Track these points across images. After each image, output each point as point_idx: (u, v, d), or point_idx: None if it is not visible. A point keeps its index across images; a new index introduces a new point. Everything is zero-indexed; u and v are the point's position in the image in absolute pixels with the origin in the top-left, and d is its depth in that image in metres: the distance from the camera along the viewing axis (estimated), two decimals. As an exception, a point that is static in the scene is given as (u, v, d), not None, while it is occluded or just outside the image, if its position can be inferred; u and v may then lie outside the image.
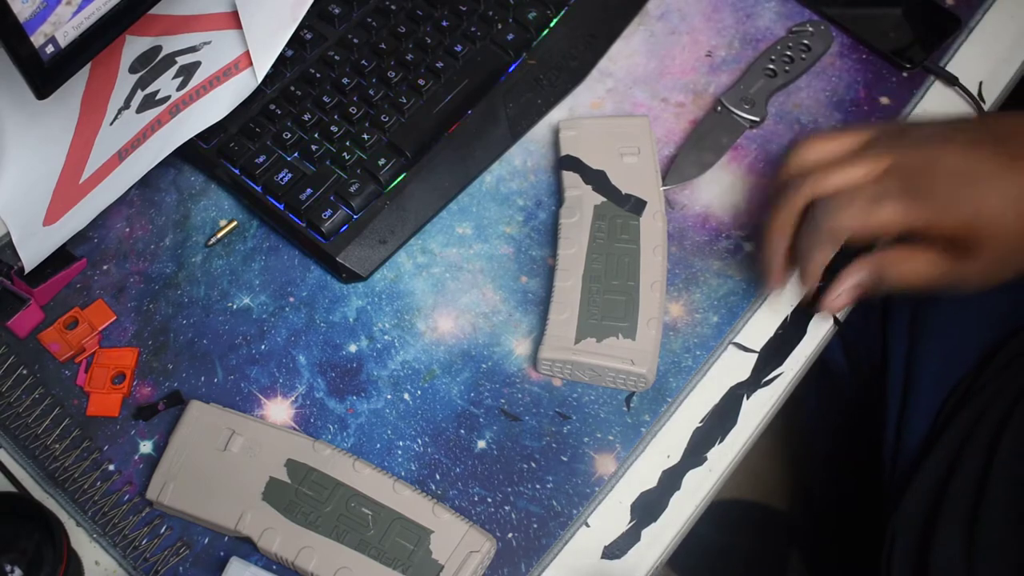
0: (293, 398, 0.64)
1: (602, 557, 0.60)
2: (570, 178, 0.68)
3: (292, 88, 0.70)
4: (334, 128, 0.69)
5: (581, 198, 0.67)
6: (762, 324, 0.66)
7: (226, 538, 0.59)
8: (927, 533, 0.70)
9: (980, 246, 0.55)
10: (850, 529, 1.00)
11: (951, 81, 0.73)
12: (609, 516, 0.61)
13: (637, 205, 0.66)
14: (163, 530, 0.60)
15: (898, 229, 0.56)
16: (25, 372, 0.64)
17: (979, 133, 0.57)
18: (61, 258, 0.66)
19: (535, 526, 0.60)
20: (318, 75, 0.71)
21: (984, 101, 0.73)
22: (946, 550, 0.68)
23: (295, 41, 0.71)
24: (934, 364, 0.76)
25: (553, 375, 0.63)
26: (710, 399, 0.64)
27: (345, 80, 0.70)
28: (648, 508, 0.61)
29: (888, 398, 0.79)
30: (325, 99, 0.70)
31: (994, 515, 0.67)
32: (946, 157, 0.56)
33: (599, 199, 0.67)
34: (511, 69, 0.72)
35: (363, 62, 0.71)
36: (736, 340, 0.65)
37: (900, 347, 0.79)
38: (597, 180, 0.67)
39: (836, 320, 0.67)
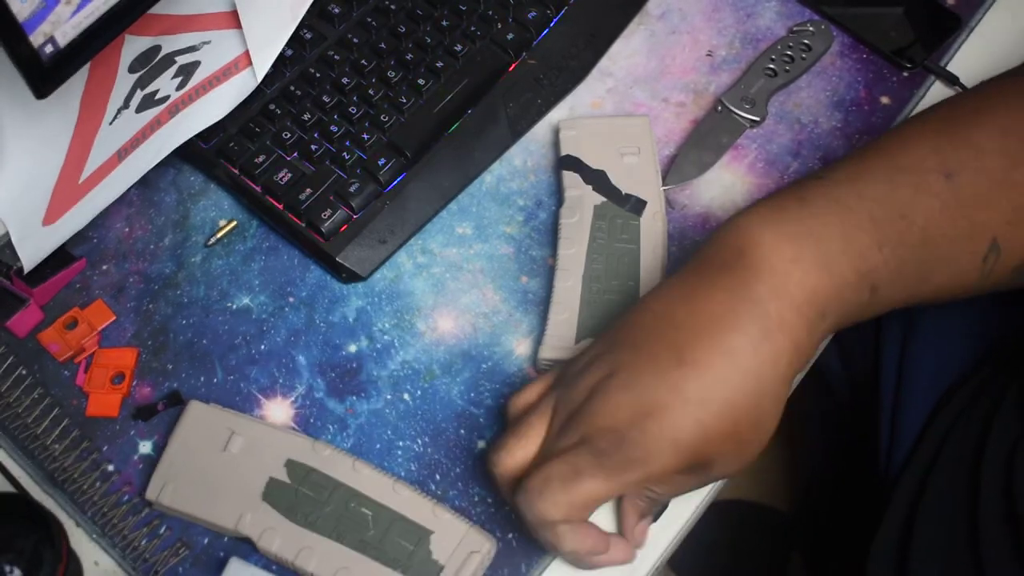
0: (293, 398, 0.64)
1: (602, 557, 0.60)
2: (570, 178, 0.67)
3: (292, 88, 0.70)
4: (334, 128, 0.69)
5: (581, 198, 0.66)
6: (762, 324, 0.66)
7: (226, 538, 0.59)
8: (908, 535, 0.70)
9: (708, 460, 0.51)
10: (850, 529, 1.00)
11: (952, 81, 0.73)
12: (609, 516, 0.61)
13: (637, 205, 0.66)
14: (162, 530, 0.59)
15: (612, 496, 0.51)
16: (24, 372, 0.63)
17: (636, 355, 0.51)
18: (60, 258, 0.66)
19: (535, 526, 0.60)
20: (318, 75, 0.71)
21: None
22: (927, 553, 0.68)
23: (295, 41, 0.71)
24: (926, 369, 0.76)
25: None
26: (710, 399, 0.64)
27: (345, 80, 0.70)
28: (648, 508, 0.61)
29: (881, 401, 0.79)
30: (325, 99, 0.70)
31: (976, 518, 0.67)
32: (616, 406, 0.50)
33: (599, 199, 0.66)
34: (511, 69, 0.72)
35: (363, 62, 0.71)
36: (736, 340, 0.65)
37: (893, 352, 0.79)
38: (597, 180, 0.67)
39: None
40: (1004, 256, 0.55)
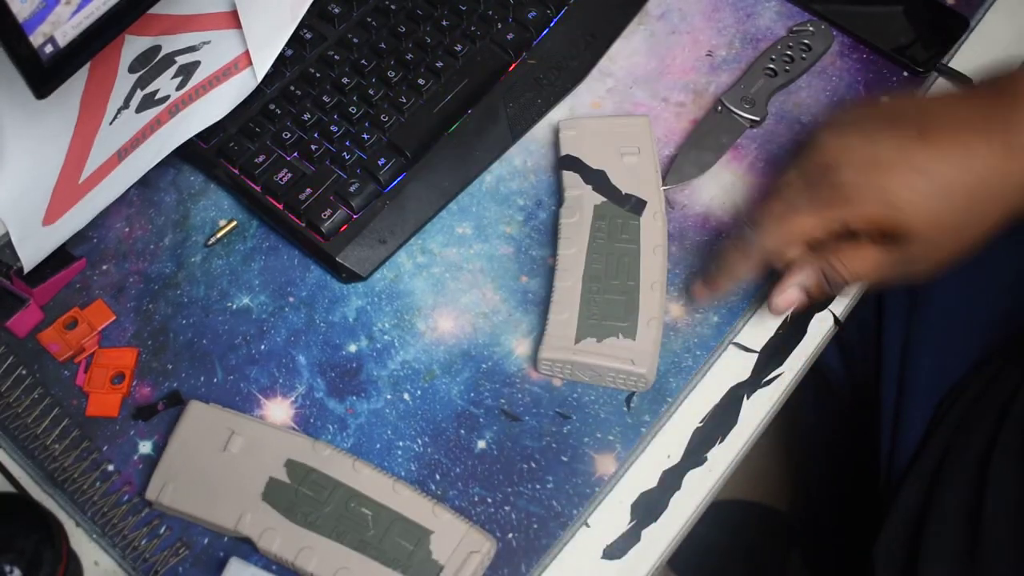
0: (293, 398, 0.64)
1: (602, 557, 0.60)
2: (570, 178, 0.67)
3: (292, 88, 0.70)
4: (334, 128, 0.69)
5: (581, 198, 0.66)
6: (762, 324, 0.66)
7: (226, 538, 0.59)
8: (917, 536, 0.70)
9: (906, 231, 0.55)
10: (850, 529, 1.00)
11: (964, 83, 0.73)
12: (609, 516, 0.61)
13: (637, 205, 0.66)
14: (162, 530, 0.59)
15: (817, 235, 0.57)
16: (24, 372, 0.63)
17: (880, 120, 0.57)
18: (60, 258, 0.66)
19: (535, 526, 0.60)
20: (318, 75, 0.71)
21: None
22: (937, 555, 0.68)
23: (295, 40, 0.71)
24: (927, 369, 0.76)
25: (553, 375, 0.63)
26: (710, 399, 0.64)
27: (345, 80, 0.70)
28: (648, 508, 0.61)
29: (882, 401, 0.79)
30: (325, 99, 0.70)
31: (986, 518, 0.67)
32: (847, 152, 0.56)
33: (599, 199, 0.66)
34: (511, 69, 0.72)
35: (363, 62, 0.71)
36: (736, 340, 0.65)
37: (894, 352, 0.79)
38: (597, 180, 0.67)
39: (836, 320, 0.66)
40: None
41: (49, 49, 0.54)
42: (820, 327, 0.66)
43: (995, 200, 0.54)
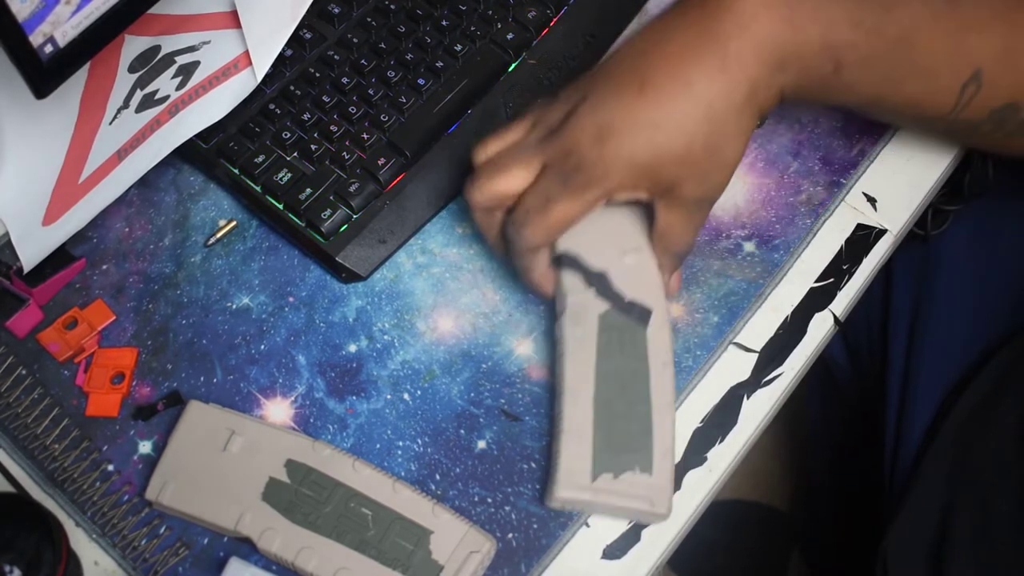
0: (293, 398, 0.64)
1: (602, 557, 0.60)
2: (571, 280, 0.60)
3: (291, 88, 0.70)
4: (333, 128, 0.69)
5: (585, 306, 0.59)
6: (762, 324, 0.66)
7: (225, 538, 0.59)
8: (938, 532, 0.70)
9: (667, 181, 0.55)
10: (851, 529, 1.00)
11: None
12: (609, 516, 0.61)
13: (643, 315, 0.60)
14: (162, 530, 0.59)
15: (584, 215, 0.57)
16: (24, 372, 0.63)
17: (602, 85, 0.56)
18: (60, 258, 0.66)
19: (535, 526, 0.60)
20: (317, 75, 0.71)
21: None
22: (958, 548, 0.68)
23: (294, 40, 0.71)
24: (934, 366, 0.76)
25: (564, 509, 0.60)
26: (710, 399, 0.64)
27: (345, 80, 0.70)
28: (648, 508, 0.61)
29: (888, 398, 0.79)
30: (325, 99, 0.70)
31: (1001, 521, 0.67)
32: (578, 131, 0.55)
33: (603, 306, 0.59)
34: (511, 68, 0.72)
35: (363, 61, 0.71)
36: (736, 340, 0.65)
37: (900, 348, 0.79)
38: (600, 284, 0.60)
39: (836, 320, 0.66)
40: (984, 92, 0.56)
41: (49, 49, 0.54)
42: (820, 327, 0.66)
43: (737, 114, 0.54)
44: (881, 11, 0.54)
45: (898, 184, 0.71)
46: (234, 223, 0.69)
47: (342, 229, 0.66)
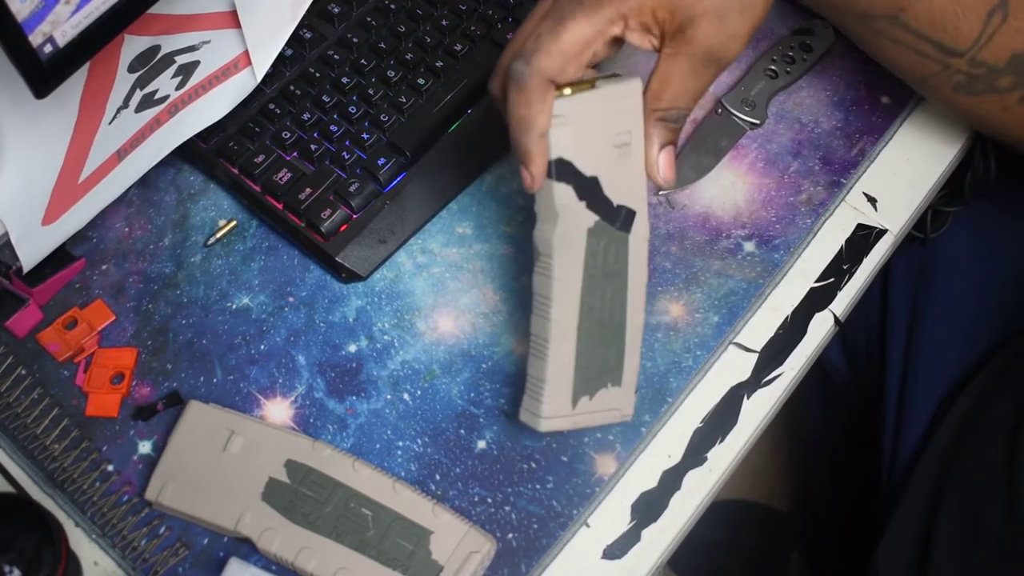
0: (293, 398, 0.64)
1: (602, 557, 0.60)
2: (563, 193, 0.54)
3: (291, 87, 0.70)
4: (333, 128, 0.69)
5: (575, 222, 0.55)
6: (763, 324, 0.66)
7: (225, 538, 0.59)
8: (926, 531, 0.70)
9: (686, 16, 0.52)
10: (850, 529, 1.00)
11: None
12: (609, 516, 0.61)
13: (627, 218, 0.56)
14: (162, 530, 0.59)
15: (597, 46, 0.53)
16: (24, 372, 0.63)
17: None
18: (60, 258, 0.66)
19: (535, 526, 0.60)
20: (317, 74, 0.71)
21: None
22: (943, 556, 0.68)
23: (294, 40, 0.71)
24: (932, 366, 0.76)
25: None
26: (710, 399, 0.64)
27: (344, 79, 0.70)
28: (648, 508, 0.61)
29: (886, 396, 0.79)
30: (324, 98, 0.70)
31: (987, 532, 0.67)
32: None
33: (592, 219, 0.55)
34: (511, 68, 0.72)
35: (363, 61, 0.71)
36: (736, 340, 0.65)
37: (898, 351, 0.79)
38: (590, 192, 0.55)
39: (836, 320, 0.66)
40: (1009, 25, 0.55)
41: (48, 49, 0.54)
42: (820, 327, 0.66)
43: None
44: None
45: (898, 184, 0.71)
46: (234, 223, 0.69)
47: (342, 229, 0.66)
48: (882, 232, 0.69)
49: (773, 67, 0.73)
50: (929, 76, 0.58)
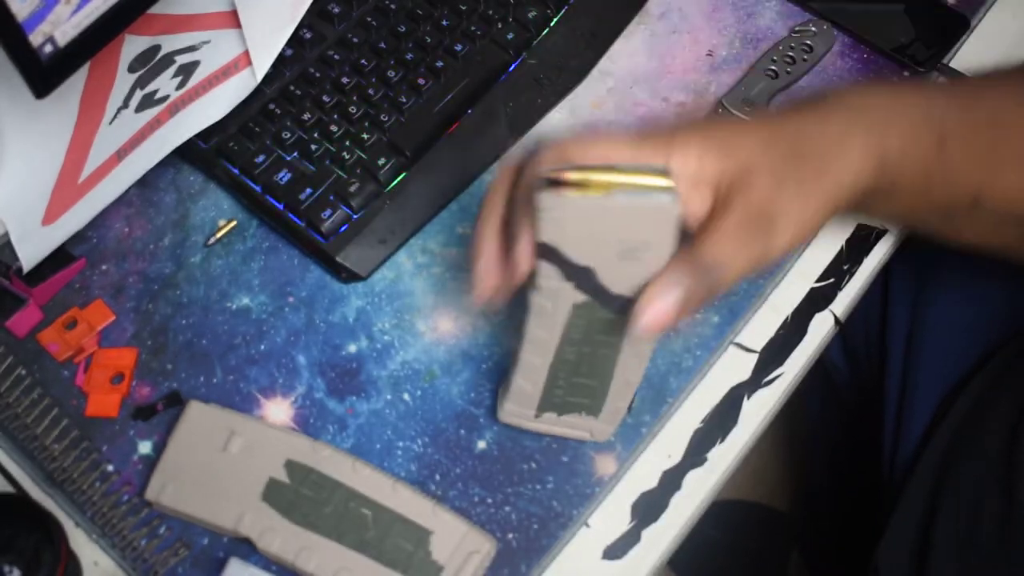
0: (293, 398, 0.64)
1: (602, 558, 0.60)
2: (546, 269, 0.49)
3: (291, 87, 0.70)
4: (334, 128, 0.69)
5: (558, 293, 0.50)
6: (763, 324, 0.66)
7: (225, 539, 0.59)
8: (924, 532, 0.70)
9: (745, 164, 0.49)
10: (850, 529, 0.99)
11: None
12: (609, 517, 0.61)
13: (626, 305, 0.50)
14: (162, 531, 0.59)
15: (628, 149, 0.49)
16: (24, 372, 0.63)
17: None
18: (60, 258, 0.66)
19: (535, 527, 0.60)
20: (317, 74, 0.71)
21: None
22: (942, 556, 0.68)
23: (294, 40, 0.71)
24: (932, 366, 0.76)
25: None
26: (711, 399, 0.64)
27: (345, 79, 0.70)
28: (648, 508, 0.61)
29: (886, 397, 0.79)
30: (325, 98, 0.70)
31: (985, 534, 0.67)
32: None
33: (580, 297, 0.50)
34: (511, 68, 0.72)
35: (363, 61, 0.71)
36: (737, 340, 0.65)
37: (898, 349, 0.79)
38: (580, 277, 0.50)
39: (837, 320, 0.66)
40: None
41: (49, 49, 0.54)
42: (821, 327, 0.66)
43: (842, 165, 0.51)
44: (970, 97, 0.56)
45: (898, 184, 0.71)
46: (234, 223, 0.69)
47: (342, 229, 0.66)
48: (882, 232, 0.69)
49: (773, 67, 0.73)
50: (1012, 246, 0.58)
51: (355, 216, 0.67)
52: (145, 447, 0.62)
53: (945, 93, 0.56)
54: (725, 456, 0.62)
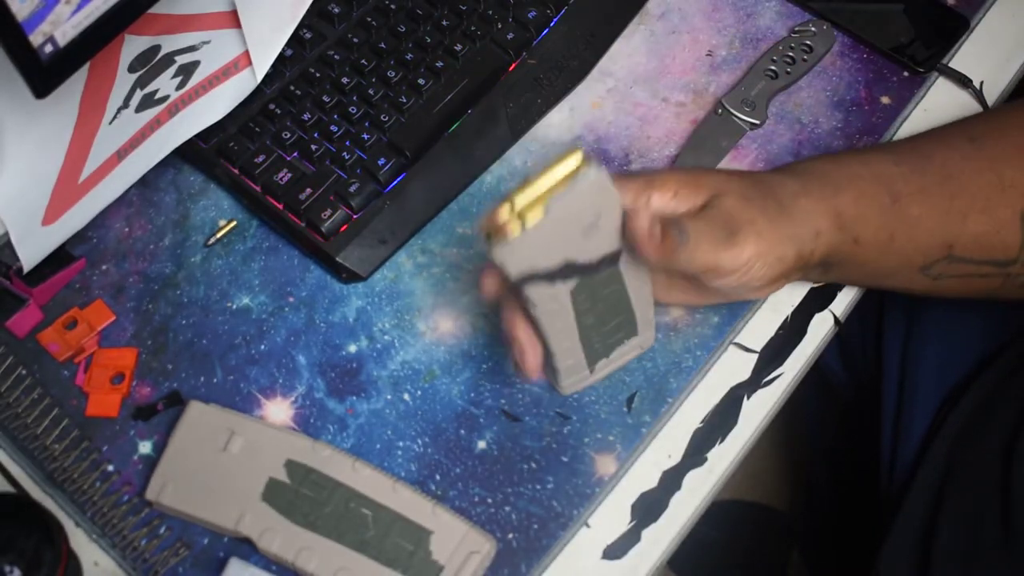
0: (293, 398, 0.64)
1: (602, 557, 0.60)
2: (534, 290, 0.52)
3: (291, 88, 0.70)
4: (334, 128, 0.69)
5: (554, 295, 0.53)
6: (763, 324, 0.66)
7: (225, 539, 0.59)
8: (926, 539, 0.70)
9: (714, 186, 0.57)
10: (850, 529, 0.99)
11: (964, 83, 0.73)
12: (609, 517, 0.61)
13: (611, 260, 0.54)
14: (162, 531, 0.59)
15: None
16: (24, 372, 0.63)
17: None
18: (60, 258, 0.66)
19: (535, 527, 0.60)
20: (317, 75, 0.71)
21: (985, 101, 0.73)
22: (944, 565, 0.68)
23: (294, 40, 0.71)
24: (930, 369, 0.76)
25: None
26: (710, 399, 0.64)
27: (345, 79, 0.70)
28: (648, 508, 0.61)
29: (884, 402, 0.79)
30: (325, 99, 0.70)
31: (987, 544, 0.66)
32: None
33: (572, 283, 0.53)
34: (511, 69, 0.72)
35: (363, 61, 0.71)
36: (737, 340, 0.65)
37: (896, 352, 0.79)
38: (563, 271, 0.52)
39: (836, 320, 0.66)
40: None
41: (49, 49, 0.54)
42: (820, 327, 0.66)
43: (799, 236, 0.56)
44: (919, 157, 0.59)
45: (898, 184, 0.71)
46: (234, 223, 0.69)
47: (342, 229, 0.66)
48: (882, 232, 0.69)
49: (773, 67, 0.73)
50: (995, 289, 0.62)
51: (355, 216, 0.67)
52: (145, 447, 0.62)
53: (892, 158, 0.60)
54: (725, 456, 0.62)
